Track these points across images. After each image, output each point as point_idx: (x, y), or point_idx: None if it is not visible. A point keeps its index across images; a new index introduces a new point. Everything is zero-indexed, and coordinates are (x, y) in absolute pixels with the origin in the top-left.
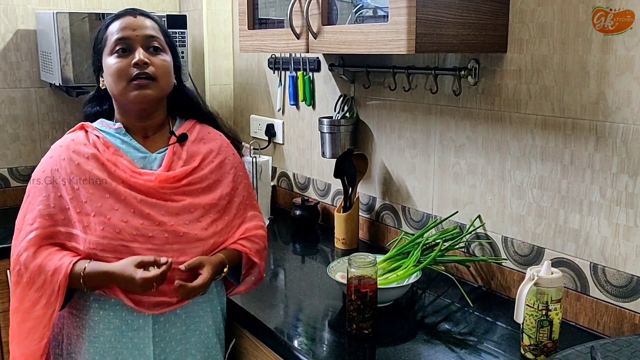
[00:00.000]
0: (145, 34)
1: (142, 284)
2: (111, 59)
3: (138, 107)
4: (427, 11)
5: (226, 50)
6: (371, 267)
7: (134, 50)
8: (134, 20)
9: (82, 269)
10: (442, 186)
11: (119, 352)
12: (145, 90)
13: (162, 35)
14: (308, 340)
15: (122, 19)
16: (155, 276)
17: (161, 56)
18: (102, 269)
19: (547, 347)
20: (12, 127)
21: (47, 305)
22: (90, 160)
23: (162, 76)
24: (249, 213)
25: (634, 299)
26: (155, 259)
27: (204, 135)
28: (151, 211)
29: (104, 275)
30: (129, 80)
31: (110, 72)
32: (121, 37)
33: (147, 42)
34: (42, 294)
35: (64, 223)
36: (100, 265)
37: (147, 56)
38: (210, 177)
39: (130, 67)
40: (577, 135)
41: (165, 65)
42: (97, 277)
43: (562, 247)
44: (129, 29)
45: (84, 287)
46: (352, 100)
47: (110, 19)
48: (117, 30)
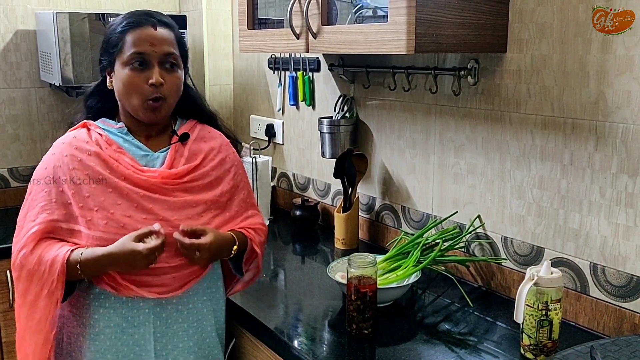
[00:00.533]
0: (164, 51)
1: (147, 253)
2: (126, 70)
3: (146, 123)
4: (426, 11)
5: (226, 50)
6: (371, 267)
7: (151, 67)
8: (154, 34)
9: (79, 255)
10: (442, 186)
11: (119, 349)
12: (155, 112)
13: (177, 47)
14: (308, 341)
15: (142, 29)
16: (158, 245)
17: (176, 73)
18: (99, 252)
19: (547, 347)
20: (12, 127)
21: (49, 295)
22: (92, 157)
23: (172, 95)
24: (250, 211)
25: (633, 299)
26: (150, 229)
27: (204, 134)
28: (154, 206)
29: (103, 259)
30: (143, 99)
31: (123, 82)
32: (139, 52)
33: (164, 59)
34: (43, 284)
35: (66, 219)
36: (97, 250)
37: (163, 74)
38: (212, 174)
39: (145, 85)
40: (577, 135)
41: (178, 83)
42: (95, 262)
43: (561, 247)
44: (148, 44)
45: (82, 273)
46: (351, 101)
47: (128, 23)
48: (135, 43)
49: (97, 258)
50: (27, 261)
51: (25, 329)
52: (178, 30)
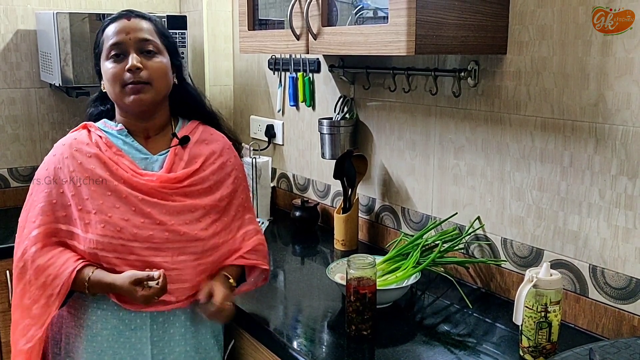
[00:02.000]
0: (139, 37)
1: (144, 301)
2: (107, 64)
3: (136, 110)
4: (427, 13)
5: (226, 51)
6: (370, 269)
7: (128, 55)
8: (127, 24)
9: (86, 279)
10: (442, 187)
11: (116, 351)
12: (140, 94)
13: (158, 36)
14: (307, 342)
15: (117, 22)
16: (155, 292)
17: (156, 59)
18: (105, 281)
19: (546, 349)
20: (12, 127)
21: (45, 305)
22: (92, 158)
23: (157, 79)
24: (247, 216)
25: (633, 301)
26: (148, 275)
27: (206, 136)
28: (152, 210)
29: (107, 286)
30: (122, 85)
31: (106, 77)
32: (115, 42)
33: (141, 46)
34: (42, 293)
35: (65, 220)
36: (104, 277)
37: (141, 60)
38: (212, 179)
39: (124, 72)
40: (577, 137)
41: (161, 67)
42: (100, 287)
43: (561, 248)
44: (123, 33)
45: (87, 292)
46: (351, 102)
47: (107, 22)
48: (111, 35)
49: (102, 285)
50: (30, 265)
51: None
52: (161, 24)
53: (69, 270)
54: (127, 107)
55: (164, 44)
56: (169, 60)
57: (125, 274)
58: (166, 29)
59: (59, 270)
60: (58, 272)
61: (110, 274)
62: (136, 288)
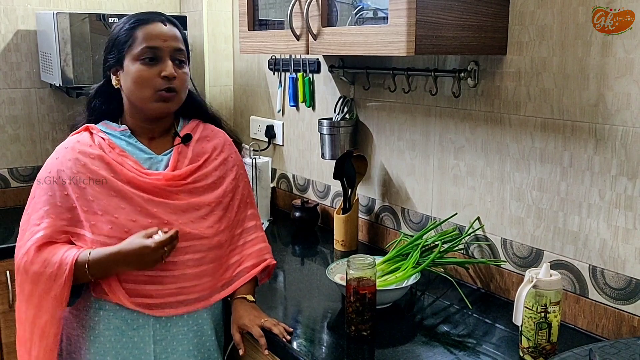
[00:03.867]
0: (174, 46)
1: (156, 247)
2: (137, 65)
3: (157, 116)
4: (427, 13)
5: (226, 51)
6: (370, 269)
7: (162, 61)
8: (165, 30)
9: (87, 255)
10: (442, 188)
11: (119, 351)
12: (168, 103)
13: (184, 45)
14: (307, 342)
15: (153, 25)
16: (166, 239)
17: (184, 69)
18: (108, 251)
19: (545, 350)
20: (12, 127)
21: (55, 297)
22: (96, 160)
23: (182, 90)
24: (249, 211)
25: (632, 302)
26: (159, 229)
27: (208, 133)
28: (158, 210)
29: (111, 257)
30: (154, 90)
31: (133, 77)
32: (151, 46)
33: (175, 55)
34: (50, 286)
35: (71, 223)
36: (106, 249)
37: (174, 69)
38: (215, 174)
39: (156, 78)
40: (577, 138)
41: (187, 79)
42: (104, 261)
43: (561, 249)
44: (160, 39)
45: (90, 274)
46: (351, 102)
47: (137, 20)
48: (146, 37)
49: (106, 256)
50: (32, 265)
51: (32, 334)
52: (184, 32)
53: (71, 255)
54: (149, 110)
55: (187, 53)
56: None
57: (131, 237)
58: (185, 36)
59: (62, 259)
60: (62, 260)
61: (110, 246)
62: (147, 239)
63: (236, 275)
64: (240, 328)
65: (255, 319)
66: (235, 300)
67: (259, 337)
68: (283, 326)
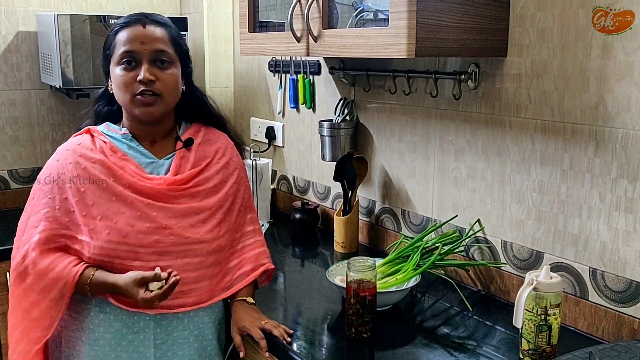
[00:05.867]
0: (153, 48)
1: (144, 305)
2: (117, 70)
3: (144, 120)
4: (427, 15)
5: (227, 52)
6: (370, 271)
7: (141, 64)
8: (142, 32)
9: (89, 278)
10: (442, 190)
11: (119, 355)
12: (149, 107)
13: (172, 45)
14: (307, 344)
15: (131, 28)
16: (156, 296)
17: (169, 70)
18: (108, 280)
19: (545, 352)
20: (12, 129)
21: (47, 309)
22: (97, 164)
23: (168, 92)
24: (248, 215)
25: (633, 304)
26: (156, 274)
27: (209, 136)
28: (158, 214)
29: (110, 286)
30: (133, 94)
31: (116, 83)
32: (128, 50)
33: (155, 56)
34: (43, 297)
35: (69, 226)
36: (107, 277)
37: (154, 72)
38: (216, 177)
39: (135, 82)
40: (577, 140)
41: (173, 80)
42: (103, 287)
43: (561, 251)
44: (137, 42)
45: (89, 293)
46: (352, 104)
47: (120, 25)
48: (124, 42)
49: (105, 284)
50: (31, 270)
51: (13, 333)
52: (175, 30)
53: (73, 273)
54: (135, 115)
55: (177, 52)
56: (180, 70)
57: (129, 274)
58: (180, 35)
59: (61, 274)
60: (60, 275)
61: (112, 274)
62: (139, 290)
63: (235, 279)
64: (241, 330)
65: (256, 321)
66: (235, 303)
67: (259, 339)
68: (283, 328)
